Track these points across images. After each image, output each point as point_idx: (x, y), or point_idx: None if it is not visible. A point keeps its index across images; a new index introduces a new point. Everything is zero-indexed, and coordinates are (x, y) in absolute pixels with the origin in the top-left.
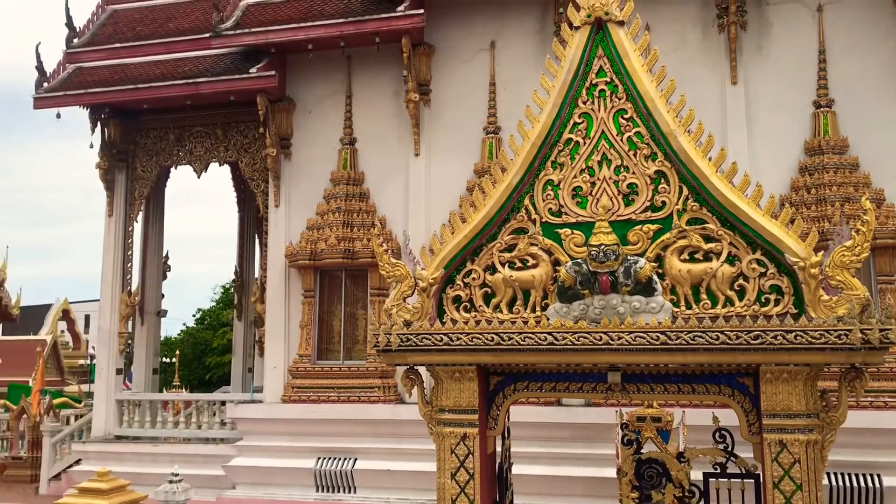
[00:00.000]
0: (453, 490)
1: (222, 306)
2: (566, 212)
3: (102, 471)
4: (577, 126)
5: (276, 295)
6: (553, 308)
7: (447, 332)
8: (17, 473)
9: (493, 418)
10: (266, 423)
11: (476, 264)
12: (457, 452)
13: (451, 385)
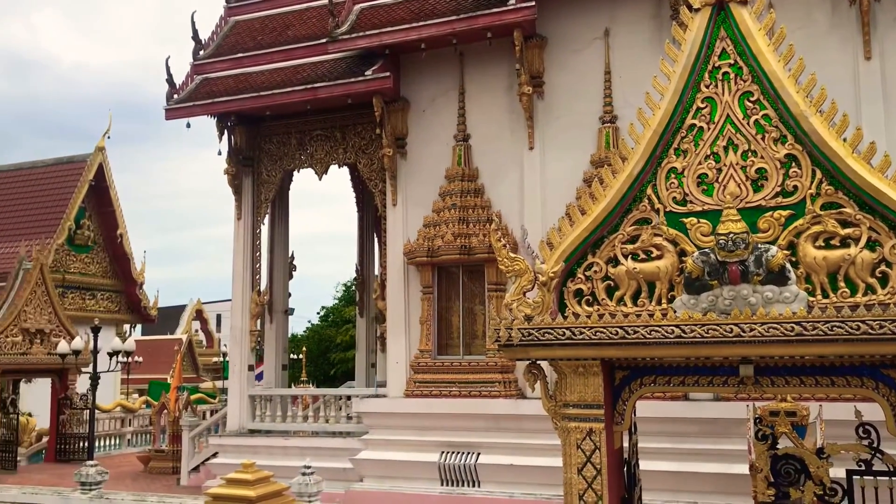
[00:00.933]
0: (580, 485)
1: (345, 304)
2: (691, 200)
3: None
4: (700, 111)
5: (395, 292)
6: (680, 300)
7: (569, 326)
8: (160, 465)
9: (620, 413)
10: (390, 417)
11: (597, 257)
12: (583, 447)
13: (575, 380)
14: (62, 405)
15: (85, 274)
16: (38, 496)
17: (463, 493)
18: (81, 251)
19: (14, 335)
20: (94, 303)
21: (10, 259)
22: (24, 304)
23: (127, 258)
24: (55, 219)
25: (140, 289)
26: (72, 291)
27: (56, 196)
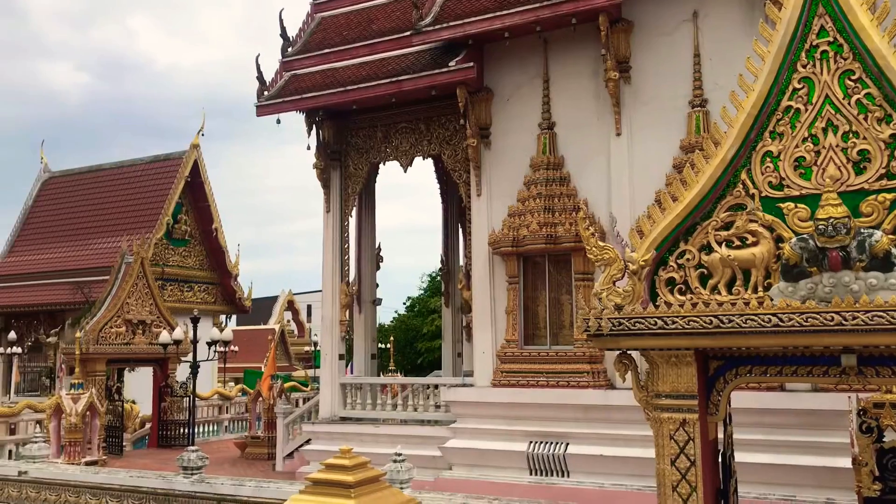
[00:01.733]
0: (674, 476)
1: (430, 294)
2: (788, 184)
3: (345, 448)
4: (797, 92)
5: (481, 282)
6: (777, 288)
7: (661, 315)
8: (256, 451)
9: (714, 404)
10: (478, 407)
11: (690, 244)
12: (676, 438)
13: (667, 370)
14: (163, 393)
15: (183, 267)
16: (143, 479)
17: (552, 482)
18: (179, 245)
19: (118, 326)
20: (191, 294)
21: (113, 254)
22: (127, 296)
23: (222, 251)
24: (154, 214)
25: (235, 281)
26: (171, 284)
27: (154, 192)
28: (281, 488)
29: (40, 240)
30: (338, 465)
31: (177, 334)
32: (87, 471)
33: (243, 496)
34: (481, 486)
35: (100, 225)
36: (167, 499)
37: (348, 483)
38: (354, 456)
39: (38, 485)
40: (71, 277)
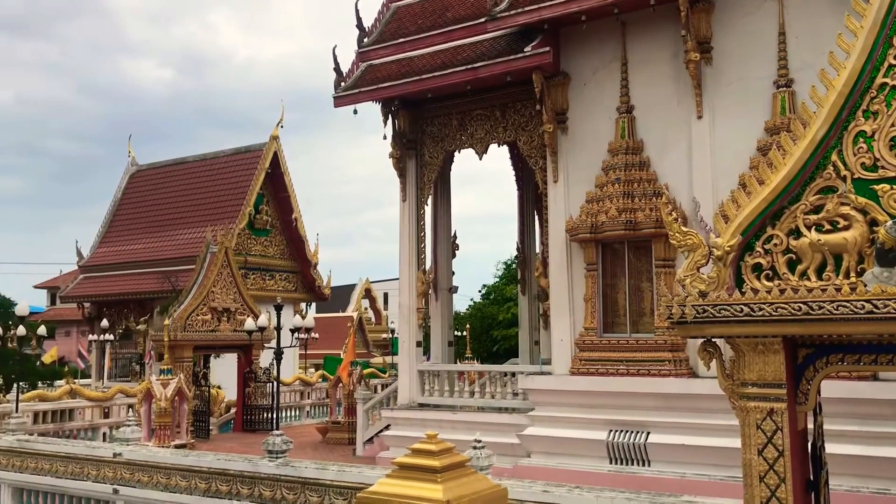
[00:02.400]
0: (761, 467)
1: (506, 282)
2: (883, 165)
3: (431, 433)
4: (892, 69)
5: (558, 269)
6: (871, 273)
7: (748, 302)
8: (337, 436)
9: (804, 393)
10: (556, 395)
11: (777, 229)
12: (763, 428)
13: (754, 358)
14: (247, 379)
15: (264, 256)
16: (230, 462)
17: (632, 472)
18: (261, 235)
19: (204, 314)
20: (273, 283)
21: (198, 244)
22: (212, 285)
23: (302, 240)
24: (237, 205)
25: (314, 269)
26: (253, 273)
27: (236, 183)
28: (363, 472)
29: (129, 231)
30: (424, 450)
31: (261, 321)
32: (177, 453)
33: (326, 480)
34: (560, 473)
35: (185, 216)
36: (253, 481)
37: (434, 468)
38: (440, 441)
39: (131, 466)
40: (158, 267)
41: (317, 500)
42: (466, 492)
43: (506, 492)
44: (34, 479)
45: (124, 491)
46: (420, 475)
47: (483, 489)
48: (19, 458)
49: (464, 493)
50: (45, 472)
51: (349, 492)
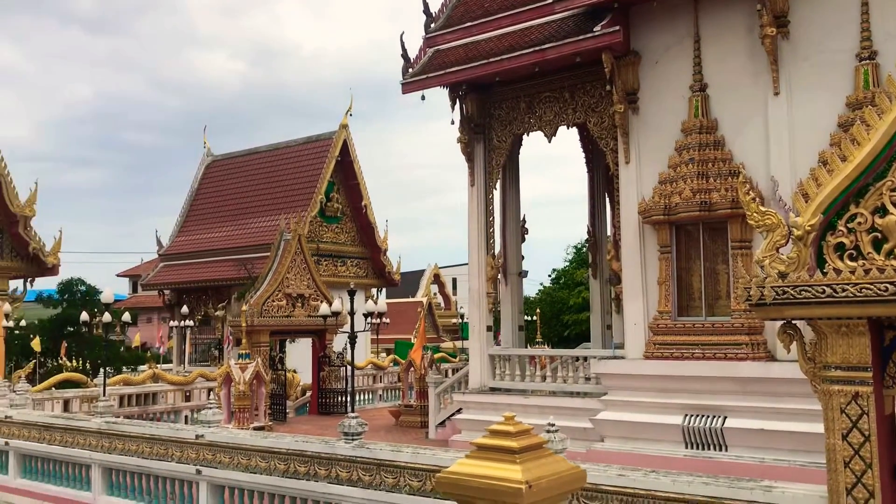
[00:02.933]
0: (846, 452)
1: (576, 266)
2: None
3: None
4: None
5: (630, 252)
6: None
7: (830, 282)
8: (409, 419)
9: (891, 376)
10: (630, 379)
11: (861, 207)
12: (847, 412)
13: (837, 340)
14: (321, 363)
15: (336, 243)
16: (308, 444)
17: (709, 456)
18: (332, 222)
19: (279, 300)
20: (344, 269)
21: (272, 232)
22: (286, 271)
23: (371, 227)
24: (308, 193)
25: (384, 255)
26: (325, 259)
27: (307, 172)
28: (436, 455)
29: (206, 220)
30: (502, 432)
31: (335, 306)
32: (256, 435)
33: (401, 462)
34: (635, 458)
35: (259, 204)
36: (330, 462)
37: (513, 449)
38: (518, 423)
39: (213, 447)
40: (235, 255)
41: (392, 482)
42: (545, 473)
43: (584, 473)
44: (122, 460)
45: (207, 471)
46: (498, 456)
47: (562, 471)
48: (108, 439)
49: (542, 475)
50: (132, 453)
51: (424, 473)
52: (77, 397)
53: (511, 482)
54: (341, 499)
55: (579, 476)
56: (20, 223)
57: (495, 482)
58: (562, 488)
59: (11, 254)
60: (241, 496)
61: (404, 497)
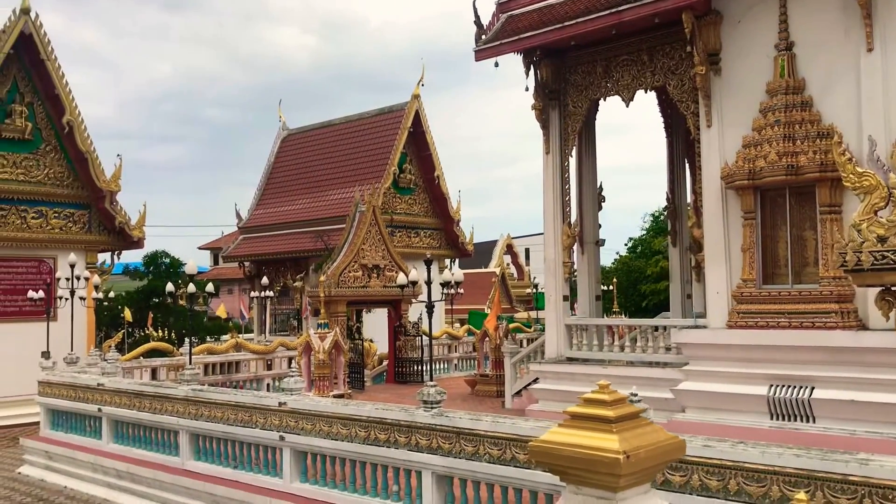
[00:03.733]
0: None
1: (653, 234)
2: None
3: (603, 383)
4: None
5: (712, 219)
6: None
7: None
8: (485, 389)
9: None
10: (712, 349)
11: None
12: None
13: None
14: (397, 332)
15: (409, 214)
16: (387, 412)
17: (795, 428)
18: (405, 193)
19: (355, 270)
20: (418, 240)
21: (347, 203)
22: (362, 242)
23: (444, 198)
24: (381, 164)
25: (457, 226)
26: (399, 230)
27: (381, 143)
28: (516, 424)
29: (283, 193)
30: (597, 400)
31: (412, 276)
32: (337, 403)
33: (480, 430)
34: (718, 429)
35: (334, 176)
36: (410, 430)
37: (609, 418)
38: (613, 391)
39: (295, 414)
40: (311, 227)
41: (471, 450)
42: (643, 443)
43: (683, 444)
44: (208, 426)
45: (290, 438)
46: (594, 425)
47: (660, 441)
48: (194, 406)
49: (640, 444)
50: (217, 420)
51: (503, 442)
52: (164, 366)
53: (608, 452)
54: (421, 466)
55: (678, 446)
56: (106, 198)
57: (591, 452)
58: (660, 459)
59: (99, 228)
60: (323, 462)
61: (484, 465)
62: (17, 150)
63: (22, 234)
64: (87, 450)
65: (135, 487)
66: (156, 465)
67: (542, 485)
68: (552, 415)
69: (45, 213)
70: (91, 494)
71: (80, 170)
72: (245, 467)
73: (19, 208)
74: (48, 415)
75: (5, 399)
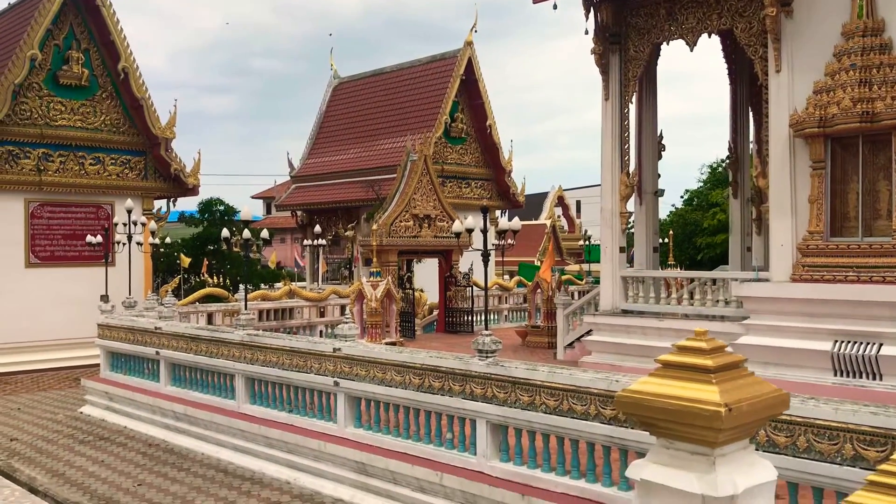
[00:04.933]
0: None
1: (710, 186)
2: None
3: (700, 330)
4: None
5: (779, 168)
6: None
7: None
8: (536, 340)
9: None
10: (774, 303)
11: None
12: None
13: None
14: (448, 282)
15: (460, 164)
16: (442, 360)
17: (861, 385)
18: (456, 143)
19: (406, 220)
20: (469, 190)
21: (398, 153)
22: (413, 192)
23: (496, 148)
24: (433, 113)
25: (508, 176)
26: (450, 180)
27: (432, 92)
28: (574, 375)
29: (335, 142)
30: (693, 348)
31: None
32: (392, 350)
33: (536, 380)
34: (779, 384)
35: (385, 125)
36: (464, 379)
37: (708, 367)
38: (711, 339)
39: (349, 360)
40: (362, 176)
41: (527, 400)
42: (745, 395)
43: (787, 397)
44: (263, 370)
45: (344, 383)
46: (690, 375)
47: (764, 393)
48: (250, 350)
49: (742, 397)
50: (272, 364)
51: (560, 393)
52: (220, 311)
53: (707, 404)
54: (476, 414)
55: (782, 400)
56: (161, 145)
57: (688, 403)
58: (763, 413)
59: (155, 175)
60: (377, 408)
61: (540, 415)
62: (74, 97)
63: (80, 180)
64: (145, 392)
65: (192, 429)
66: (212, 408)
67: (599, 437)
68: (606, 367)
69: (102, 160)
70: (150, 435)
71: (135, 116)
72: (299, 411)
73: (77, 154)
74: (108, 357)
75: (67, 341)
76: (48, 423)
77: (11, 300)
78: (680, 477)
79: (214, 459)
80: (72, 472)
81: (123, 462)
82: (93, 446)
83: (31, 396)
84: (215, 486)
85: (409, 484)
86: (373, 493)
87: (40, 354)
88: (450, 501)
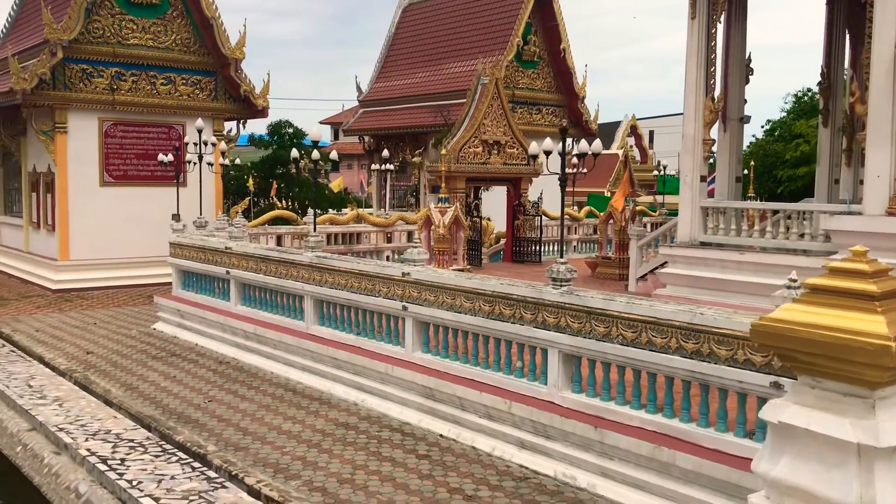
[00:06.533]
0: None
1: (794, 117)
2: None
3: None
4: None
5: (880, 94)
6: None
7: None
8: (606, 271)
9: None
10: (867, 237)
11: None
12: None
13: None
14: (516, 211)
15: (531, 89)
16: (514, 287)
17: None
18: (528, 67)
19: (475, 146)
20: (539, 117)
21: (468, 77)
22: (483, 117)
23: (569, 73)
24: (505, 35)
25: (581, 103)
26: (520, 106)
27: (505, 13)
28: (654, 306)
29: (403, 66)
30: (852, 271)
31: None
32: (461, 276)
33: (613, 311)
34: None
35: (455, 48)
36: (537, 307)
37: (871, 293)
38: (873, 260)
39: (418, 285)
40: (431, 101)
41: (603, 331)
42: None
43: None
44: (332, 293)
45: (412, 308)
46: (849, 302)
47: None
48: (319, 272)
49: None
50: (341, 287)
51: (639, 325)
52: (288, 234)
53: (871, 336)
54: (548, 344)
55: None
56: (231, 66)
57: (846, 335)
58: None
59: (225, 96)
60: (445, 333)
61: (616, 347)
62: (145, 15)
63: (152, 100)
64: (216, 310)
65: (261, 348)
66: (281, 329)
67: (679, 371)
68: (681, 300)
69: (173, 80)
70: (220, 353)
71: (205, 36)
72: (367, 334)
73: (149, 74)
74: (179, 275)
75: (140, 259)
76: (122, 338)
77: (87, 217)
78: (829, 421)
79: (283, 378)
80: (145, 386)
81: (194, 378)
82: (165, 362)
83: (106, 312)
84: (284, 404)
85: (477, 411)
86: (439, 418)
87: (115, 272)
88: (518, 429)
